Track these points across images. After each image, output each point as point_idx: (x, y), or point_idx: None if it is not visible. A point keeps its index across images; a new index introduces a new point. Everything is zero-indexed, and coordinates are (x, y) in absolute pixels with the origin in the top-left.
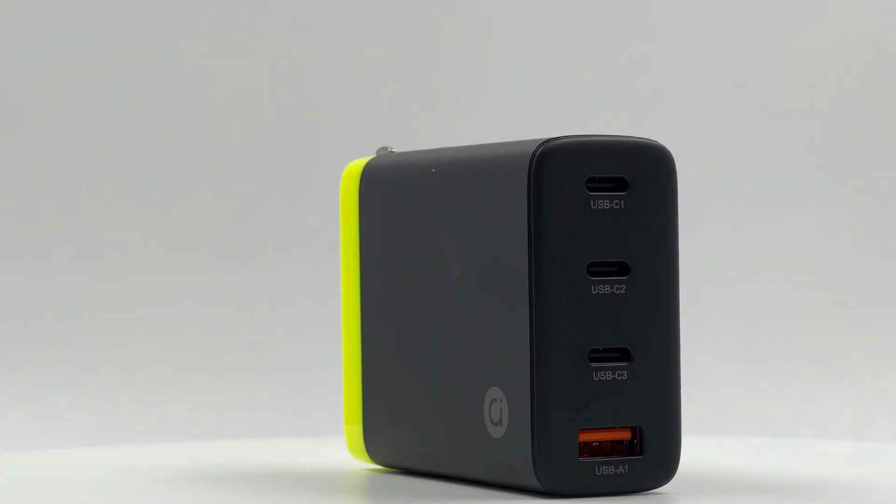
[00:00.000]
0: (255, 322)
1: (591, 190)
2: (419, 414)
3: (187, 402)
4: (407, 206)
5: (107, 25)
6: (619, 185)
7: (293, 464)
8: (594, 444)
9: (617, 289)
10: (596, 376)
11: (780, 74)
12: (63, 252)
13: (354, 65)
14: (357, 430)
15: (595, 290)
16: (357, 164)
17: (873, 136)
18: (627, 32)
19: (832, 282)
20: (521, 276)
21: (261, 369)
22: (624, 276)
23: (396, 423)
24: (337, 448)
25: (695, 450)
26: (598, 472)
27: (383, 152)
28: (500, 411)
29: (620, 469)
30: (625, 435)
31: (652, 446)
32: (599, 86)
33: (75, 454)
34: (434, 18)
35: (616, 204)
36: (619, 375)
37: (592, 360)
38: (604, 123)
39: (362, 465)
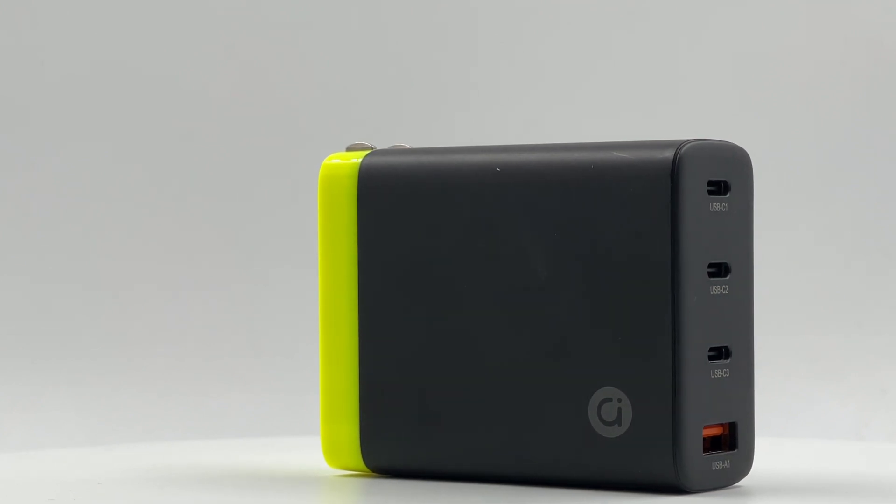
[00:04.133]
0: (254, 322)
1: (709, 193)
2: (482, 416)
3: (187, 402)
4: (450, 207)
5: (105, 26)
6: (725, 188)
7: (294, 463)
8: (710, 439)
9: (723, 289)
10: (712, 374)
11: (778, 74)
12: (63, 252)
13: (356, 65)
14: (348, 430)
15: (712, 291)
16: (342, 161)
17: (874, 136)
18: (625, 33)
19: (832, 282)
20: (655, 277)
21: (260, 369)
22: (726, 276)
23: (438, 426)
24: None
25: None
26: (714, 466)
27: (359, 148)
28: (619, 411)
29: (726, 463)
30: (717, 431)
31: (742, 441)
32: (595, 87)
33: (75, 454)
34: (427, 18)
35: (723, 206)
36: (724, 373)
37: (708, 358)
38: (603, 124)
39: (340, 471)
